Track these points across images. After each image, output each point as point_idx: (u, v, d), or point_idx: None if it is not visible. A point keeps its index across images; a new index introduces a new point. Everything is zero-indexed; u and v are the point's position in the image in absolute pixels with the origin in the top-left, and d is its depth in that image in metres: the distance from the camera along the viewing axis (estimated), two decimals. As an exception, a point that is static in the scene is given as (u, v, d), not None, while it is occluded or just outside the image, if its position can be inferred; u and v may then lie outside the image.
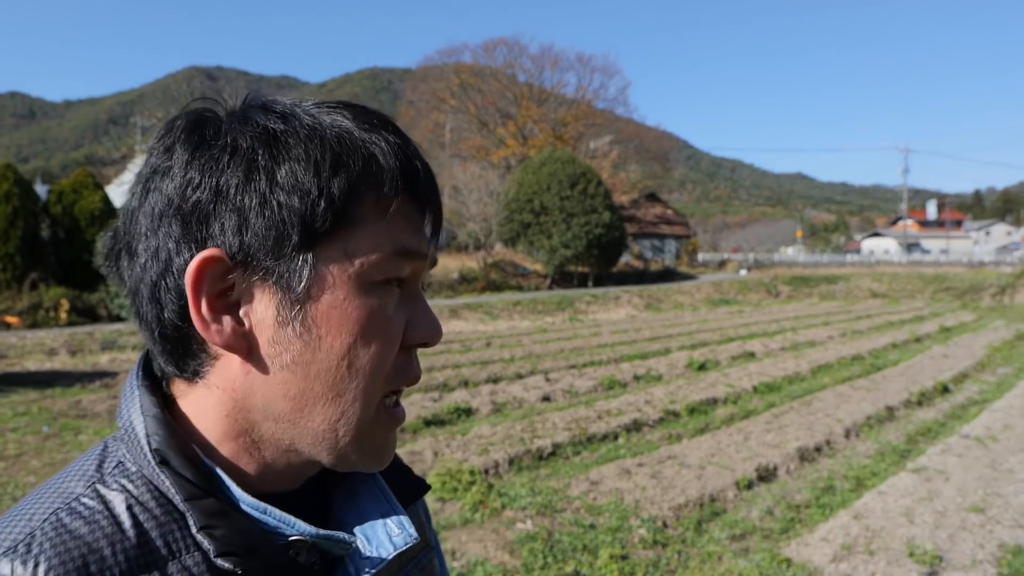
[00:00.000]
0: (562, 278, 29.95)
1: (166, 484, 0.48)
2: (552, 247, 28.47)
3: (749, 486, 5.25)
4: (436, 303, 20.67)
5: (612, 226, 29.49)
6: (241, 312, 0.50)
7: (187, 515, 0.48)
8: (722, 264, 46.69)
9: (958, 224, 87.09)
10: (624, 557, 3.97)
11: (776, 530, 4.47)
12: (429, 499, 4.76)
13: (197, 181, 0.48)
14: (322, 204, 0.48)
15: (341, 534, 0.53)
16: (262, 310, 0.49)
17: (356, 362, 0.51)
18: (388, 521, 0.58)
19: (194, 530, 0.47)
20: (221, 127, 0.50)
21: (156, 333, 0.51)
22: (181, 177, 0.48)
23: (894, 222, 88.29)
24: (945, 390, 9.03)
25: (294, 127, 0.50)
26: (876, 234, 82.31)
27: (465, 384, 9.12)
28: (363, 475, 0.60)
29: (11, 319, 14.40)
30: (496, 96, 48.39)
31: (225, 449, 0.52)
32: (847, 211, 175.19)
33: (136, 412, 0.51)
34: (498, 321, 19.53)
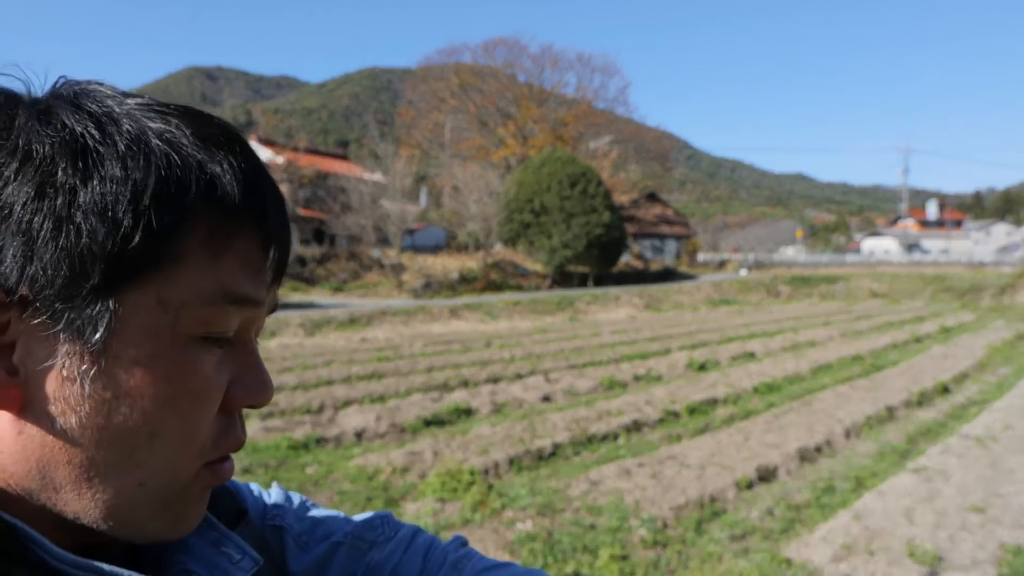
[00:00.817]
0: (562, 278, 29.97)
1: None
2: (552, 247, 28.50)
3: (749, 486, 5.25)
4: (436, 303, 20.69)
5: (612, 226, 29.51)
6: (16, 358, 0.40)
7: None
8: (722, 264, 46.71)
9: (958, 224, 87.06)
10: (624, 557, 3.96)
11: (776, 530, 4.47)
12: (430, 500, 4.76)
13: None
14: (136, 238, 0.39)
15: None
16: (44, 360, 0.40)
17: (161, 429, 0.42)
18: (224, 548, 0.52)
19: None
20: (14, 122, 0.40)
21: None
22: None
23: (894, 222, 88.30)
24: (945, 390, 9.02)
25: (112, 137, 0.40)
26: (876, 234, 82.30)
27: (465, 384, 9.12)
28: None
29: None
30: (496, 96, 48.41)
31: (17, 507, 0.41)
32: (847, 211, 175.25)
33: None
34: (498, 321, 19.53)
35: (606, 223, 29.05)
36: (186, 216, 0.41)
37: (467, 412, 7.55)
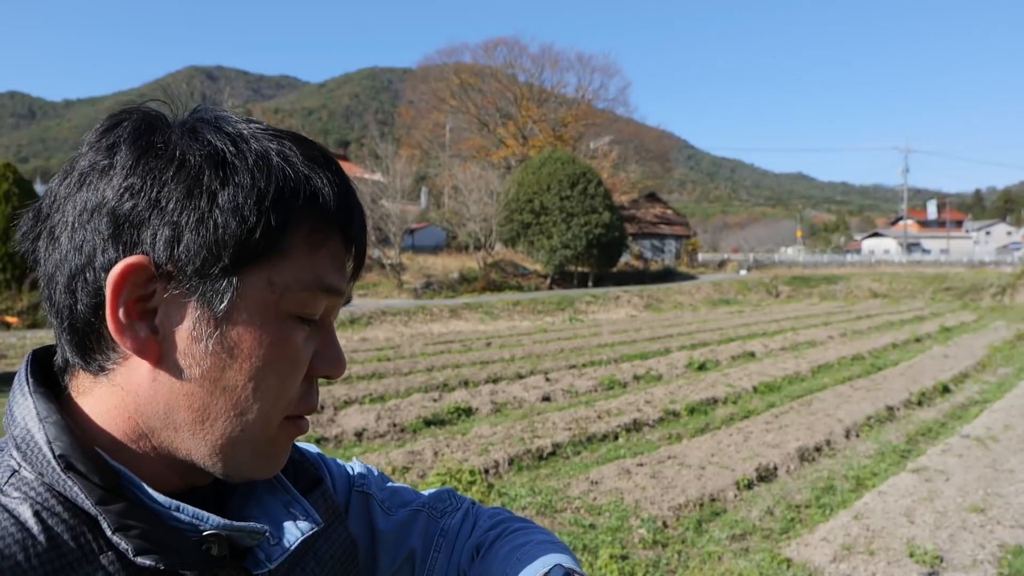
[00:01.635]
0: (562, 278, 29.96)
1: (74, 490, 0.47)
2: (552, 247, 28.49)
3: (749, 486, 5.24)
4: (436, 303, 20.69)
5: (612, 226, 29.50)
6: (157, 320, 0.50)
7: (99, 518, 0.47)
8: (722, 264, 46.69)
9: (958, 224, 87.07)
10: (624, 557, 3.96)
11: (776, 530, 4.47)
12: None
13: (138, 187, 0.48)
14: (258, 232, 0.49)
15: (255, 524, 0.54)
16: (179, 323, 0.50)
17: (262, 385, 0.52)
18: (291, 509, 0.61)
19: (108, 532, 0.47)
20: (171, 137, 0.51)
21: (66, 323, 0.51)
22: (121, 180, 0.49)
23: (894, 222, 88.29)
24: (945, 390, 9.02)
25: (243, 152, 0.51)
26: (876, 234, 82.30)
27: (465, 384, 9.12)
28: None
29: (11, 319, 14.41)
30: (496, 96, 48.38)
31: (129, 450, 0.51)
32: (847, 211, 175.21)
33: (32, 418, 0.49)
34: (498, 321, 19.53)
35: (606, 223, 29.04)
36: (294, 218, 0.51)
37: (467, 412, 7.55)
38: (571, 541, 4.14)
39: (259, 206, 0.49)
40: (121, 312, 0.48)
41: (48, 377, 0.54)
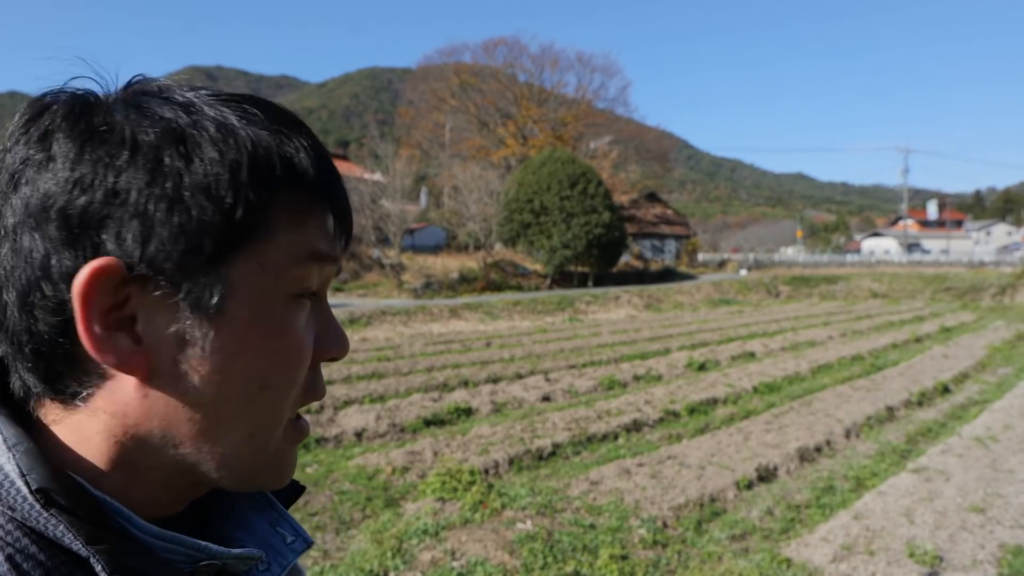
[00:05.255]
0: (562, 278, 29.97)
1: (59, 529, 0.41)
2: (552, 247, 28.49)
3: (749, 486, 5.24)
4: (436, 303, 20.68)
5: (612, 226, 29.51)
6: (138, 328, 0.43)
7: (91, 560, 0.41)
8: (722, 264, 46.70)
9: (958, 224, 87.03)
10: (624, 557, 3.96)
11: (776, 530, 4.47)
12: (430, 499, 4.76)
13: (89, 179, 0.41)
14: (239, 212, 0.43)
15: (252, 550, 0.50)
16: (165, 327, 0.44)
17: (270, 381, 0.47)
18: (279, 528, 0.56)
19: (104, 575, 0.41)
20: (114, 117, 0.44)
21: (27, 348, 0.43)
22: (67, 173, 0.42)
23: (894, 222, 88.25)
24: (945, 390, 9.02)
25: (202, 123, 0.44)
26: (876, 234, 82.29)
27: (465, 384, 9.12)
28: None
29: None
30: (496, 96, 48.38)
31: (115, 478, 0.45)
32: (847, 211, 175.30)
33: None
34: (498, 321, 19.53)
35: (606, 223, 29.04)
36: (274, 190, 0.46)
37: (467, 412, 7.54)
38: (571, 541, 4.14)
39: (234, 182, 0.43)
40: (96, 326, 0.42)
41: (7, 396, 0.46)
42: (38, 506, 0.41)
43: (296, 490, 0.61)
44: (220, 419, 0.46)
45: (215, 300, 0.44)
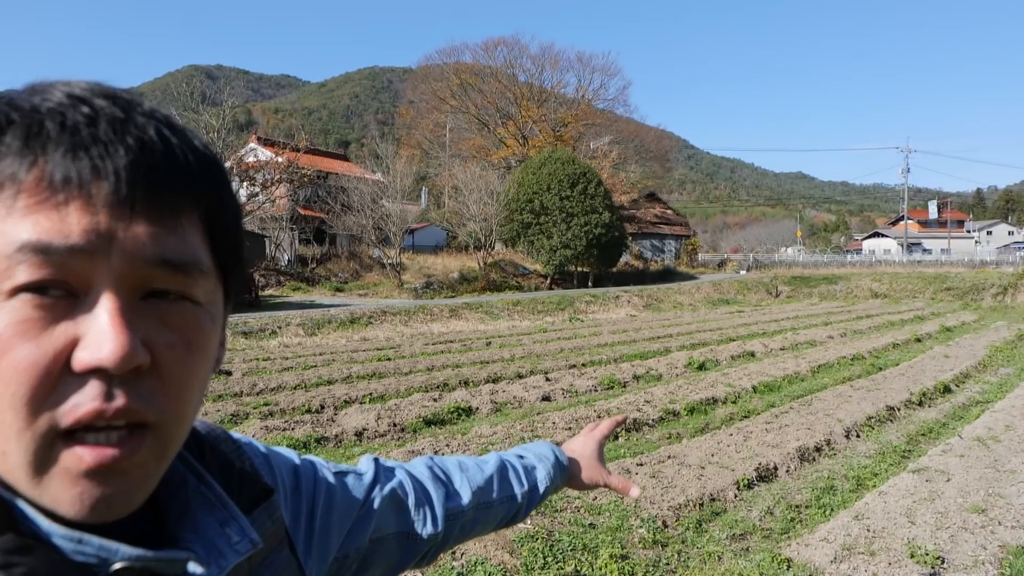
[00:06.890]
0: (562, 278, 29.98)
1: None
2: (552, 247, 28.51)
3: (749, 486, 5.24)
4: (436, 303, 20.68)
5: (612, 226, 29.53)
6: None
7: None
8: (722, 264, 46.73)
9: (959, 224, 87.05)
10: (624, 557, 3.96)
11: (776, 530, 4.47)
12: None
13: None
14: None
15: (176, 552, 0.47)
16: None
17: None
18: (227, 528, 0.52)
19: None
20: None
21: None
22: None
23: (895, 222, 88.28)
24: (946, 390, 9.01)
25: None
26: (877, 234, 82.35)
27: (465, 384, 9.12)
28: (195, 485, 0.54)
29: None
30: (496, 96, 48.38)
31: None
32: (847, 211, 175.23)
33: None
34: (498, 321, 19.53)
35: (606, 223, 29.06)
36: None
37: (467, 411, 7.54)
38: (571, 540, 4.14)
39: None
40: None
41: None
42: None
43: (264, 492, 0.59)
44: None
45: None
